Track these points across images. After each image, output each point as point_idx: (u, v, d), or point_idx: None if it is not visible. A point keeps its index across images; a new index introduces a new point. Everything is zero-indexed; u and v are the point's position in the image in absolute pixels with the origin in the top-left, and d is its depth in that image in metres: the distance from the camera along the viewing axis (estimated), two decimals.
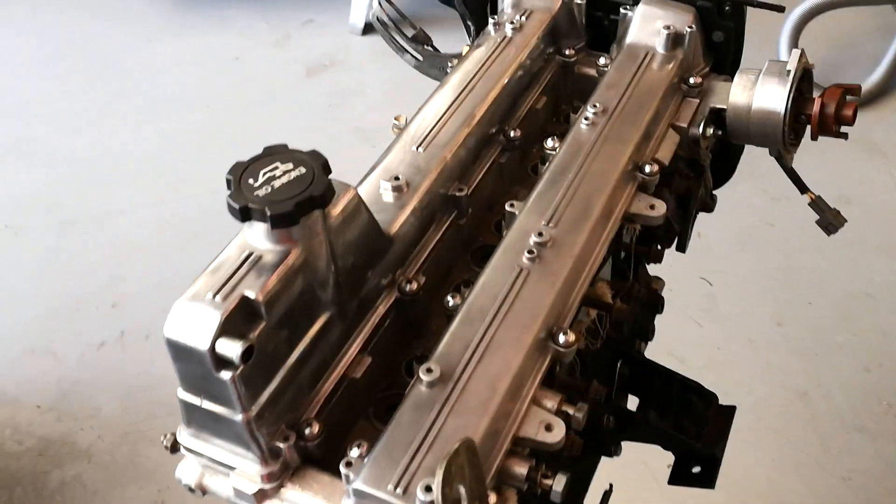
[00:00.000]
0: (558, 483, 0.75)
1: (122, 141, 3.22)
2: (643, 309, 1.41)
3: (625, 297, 1.32)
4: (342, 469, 0.72)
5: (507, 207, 0.93)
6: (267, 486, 0.74)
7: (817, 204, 1.17)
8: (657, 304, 1.44)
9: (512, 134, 1.05)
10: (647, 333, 1.40)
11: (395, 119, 1.04)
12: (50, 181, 3.06)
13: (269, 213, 0.68)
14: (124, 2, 3.86)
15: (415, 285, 0.88)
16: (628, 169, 0.98)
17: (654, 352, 1.29)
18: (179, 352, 0.67)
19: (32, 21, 3.81)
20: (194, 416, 0.73)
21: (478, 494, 0.67)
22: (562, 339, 0.81)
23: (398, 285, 0.88)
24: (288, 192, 0.69)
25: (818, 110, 1.03)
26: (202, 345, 0.66)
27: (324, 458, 0.77)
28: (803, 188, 1.19)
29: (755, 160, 1.27)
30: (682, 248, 1.33)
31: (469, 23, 1.26)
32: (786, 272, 2.63)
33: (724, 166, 1.30)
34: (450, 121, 0.99)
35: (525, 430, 0.77)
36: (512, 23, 1.12)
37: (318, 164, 0.71)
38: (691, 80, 1.10)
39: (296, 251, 0.71)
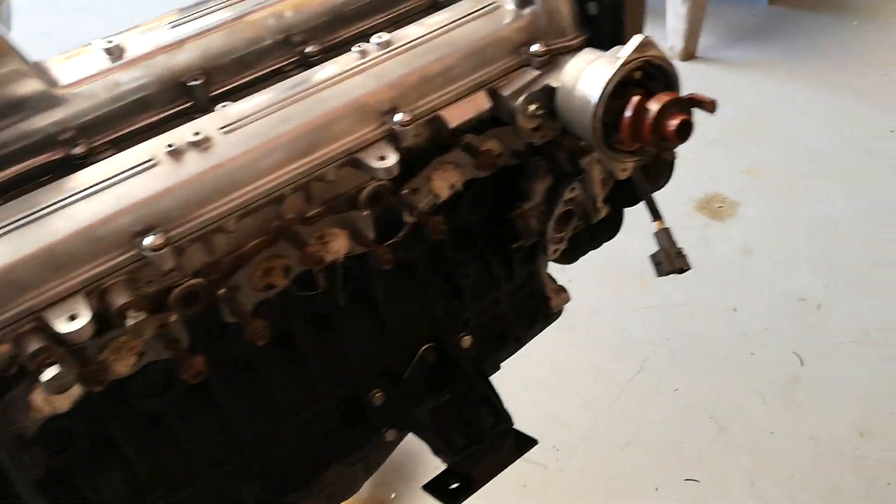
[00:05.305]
0: (47, 374, 0.69)
1: None
2: (513, 309, 1.26)
3: (484, 289, 1.19)
4: None
5: (219, 105, 0.86)
6: None
7: (661, 236, 0.97)
8: (537, 312, 1.28)
9: (308, 49, 0.96)
10: (506, 337, 1.25)
11: None
12: None
13: None
14: None
15: (83, 149, 0.84)
16: (380, 110, 0.86)
17: None
18: None
19: None
20: None
21: None
22: (148, 240, 0.74)
23: (70, 146, 0.84)
24: None
25: (633, 111, 0.85)
26: None
27: None
28: (656, 215, 0.99)
29: None
30: (543, 250, 1.17)
31: None
32: None
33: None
34: (223, 10, 0.93)
35: (48, 312, 0.71)
36: None
37: None
38: (533, 48, 0.95)
39: None
